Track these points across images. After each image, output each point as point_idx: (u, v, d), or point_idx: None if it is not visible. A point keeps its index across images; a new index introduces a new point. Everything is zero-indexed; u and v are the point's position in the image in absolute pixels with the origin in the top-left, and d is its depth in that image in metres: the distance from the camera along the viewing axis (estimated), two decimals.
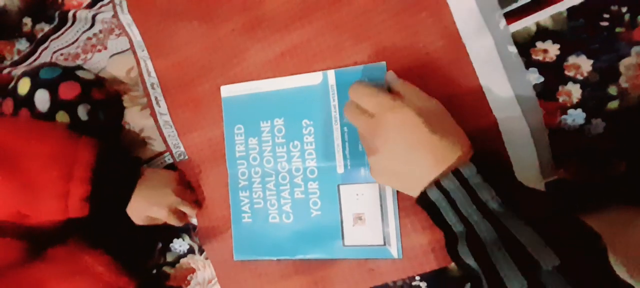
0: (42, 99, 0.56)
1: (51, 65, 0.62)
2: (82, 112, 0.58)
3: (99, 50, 0.69)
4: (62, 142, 0.52)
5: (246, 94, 0.58)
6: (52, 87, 0.57)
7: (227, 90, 0.59)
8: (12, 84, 0.59)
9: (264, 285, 0.58)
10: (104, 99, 0.63)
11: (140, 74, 0.65)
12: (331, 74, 0.54)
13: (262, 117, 0.58)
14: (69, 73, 0.60)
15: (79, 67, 0.64)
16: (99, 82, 0.64)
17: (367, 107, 0.44)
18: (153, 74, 0.64)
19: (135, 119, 0.65)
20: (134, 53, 0.65)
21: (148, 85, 0.64)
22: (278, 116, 0.57)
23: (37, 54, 0.72)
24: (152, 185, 0.57)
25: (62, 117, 0.57)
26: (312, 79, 0.55)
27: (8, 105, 0.58)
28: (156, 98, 0.64)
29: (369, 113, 0.44)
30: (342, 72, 0.54)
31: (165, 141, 0.64)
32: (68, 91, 0.58)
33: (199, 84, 0.61)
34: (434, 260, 0.51)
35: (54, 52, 0.71)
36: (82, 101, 0.59)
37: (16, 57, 0.74)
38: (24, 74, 0.59)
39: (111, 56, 0.67)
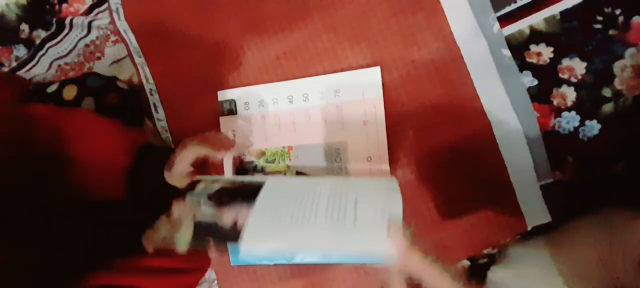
0: (89, 104, 0.61)
1: (95, 74, 0.66)
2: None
3: (98, 58, 0.69)
4: (118, 127, 0.56)
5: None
6: (98, 94, 0.61)
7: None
8: (53, 88, 0.62)
9: (262, 287, 0.59)
10: (137, 106, 0.66)
11: (139, 80, 0.65)
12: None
13: None
14: (111, 83, 0.64)
15: (116, 78, 0.67)
16: (132, 91, 0.66)
17: None
18: (151, 80, 0.64)
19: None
20: (132, 60, 0.65)
21: (147, 91, 0.64)
22: None
23: (35, 61, 0.72)
24: None
25: None
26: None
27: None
28: (154, 104, 0.64)
29: None
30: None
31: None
32: (111, 99, 0.62)
33: (195, 89, 0.61)
34: None
35: (54, 60, 0.71)
36: (119, 108, 0.62)
37: (14, 64, 0.75)
38: (68, 81, 0.62)
39: (111, 64, 0.68)
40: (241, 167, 0.59)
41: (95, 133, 0.54)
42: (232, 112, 0.59)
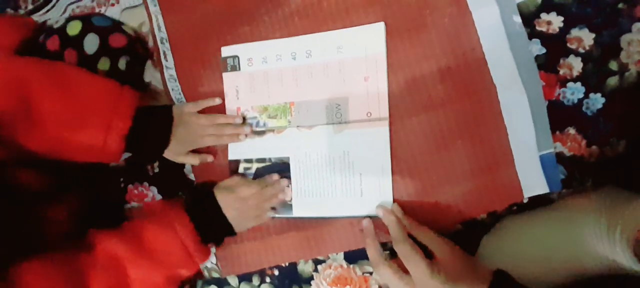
0: (91, 42, 0.59)
1: (101, 15, 0.66)
2: (122, 63, 0.61)
3: (113, 5, 0.70)
4: (111, 81, 0.55)
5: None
6: (103, 33, 0.60)
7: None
8: (59, 24, 0.61)
9: (257, 239, 0.59)
10: (142, 54, 0.66)
11: (151, 29, 0.66)
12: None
13: None
14: (117, 25, 0.64)
15: (122, 23, 0.67)
16: (139, 38, 0.67)
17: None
18: (163, 28, 0.65)
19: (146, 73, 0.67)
20: (146, 7, 0.66)
21: (158, 39, 0.65)
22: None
23: (51, 4, 0.74)
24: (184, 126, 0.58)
25: (104, 63, 0.59)
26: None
27: (54, 42, 0.59)
28: (164, 52, 0.65)
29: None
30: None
31: (168, 94, 0.64)
32: (117, 40, 0.61)
33: (207, 41, 0.62)
34: (426, 223, 0.51)
35: (69, 5, 0.72)
36: (125, 53, 0.62)
37: (31, 6, 0.76)
38: (74, 17, 0.62)
39: (124, 10, 0.69)
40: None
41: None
42: (236, 68, 0.60)
